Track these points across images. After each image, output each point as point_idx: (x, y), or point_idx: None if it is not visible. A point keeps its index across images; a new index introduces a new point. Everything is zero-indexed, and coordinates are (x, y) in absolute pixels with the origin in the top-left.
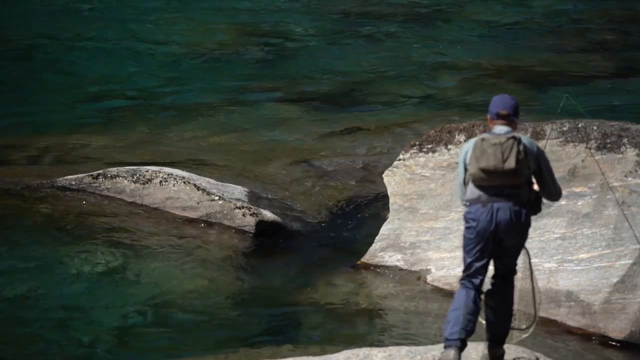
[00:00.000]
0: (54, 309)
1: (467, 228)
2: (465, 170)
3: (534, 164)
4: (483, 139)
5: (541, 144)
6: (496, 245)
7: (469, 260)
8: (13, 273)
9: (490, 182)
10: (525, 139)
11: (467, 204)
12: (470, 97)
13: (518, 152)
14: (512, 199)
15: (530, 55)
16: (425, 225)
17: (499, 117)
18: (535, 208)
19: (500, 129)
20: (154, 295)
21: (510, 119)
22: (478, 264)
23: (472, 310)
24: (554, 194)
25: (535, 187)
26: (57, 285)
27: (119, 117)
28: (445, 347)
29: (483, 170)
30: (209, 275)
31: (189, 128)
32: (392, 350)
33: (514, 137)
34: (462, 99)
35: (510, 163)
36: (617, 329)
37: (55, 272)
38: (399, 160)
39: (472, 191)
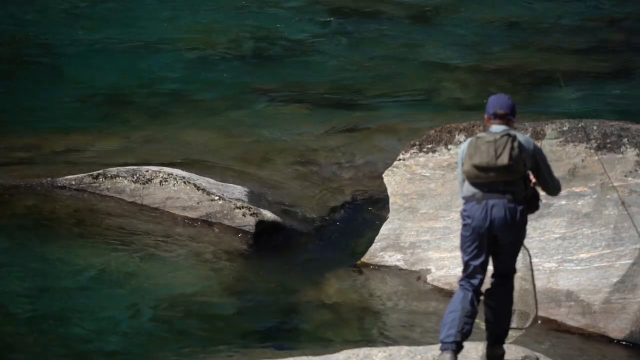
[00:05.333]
0: (53, 309)
1: (463, 226)
2: None
3: (531, 161)
4: (478, 137)
5: (538, 143)
6: (492, 243)
7: (466, 258)
8: (13, 272)
9: (485, 179)
10: (521, 136)
11: (464, 202)
12: (470, 97)
13: (512, 148)
14: (506, 196)
15: (530, 55)
16: (425, 225)
17: (496, 116)
18: (532, 206)
19: (497, 128)
20: (153, 295)
21: (507, 118)
22: (475, 263)
23: (469, 312)
24: (553, 190)
25: (533, 181)
26: (56, 285)
27: (119, 117)
28: (441, 350)
29: (476, 167)
30: (209, 275)
31: (189, 128)
32: (392, 350)
33: (508, 134)
34: (462, 99)
35: (503, 159)
36: (617, 328)
37: (54, 272)
38: (399, 160)
39: (468, 189)
